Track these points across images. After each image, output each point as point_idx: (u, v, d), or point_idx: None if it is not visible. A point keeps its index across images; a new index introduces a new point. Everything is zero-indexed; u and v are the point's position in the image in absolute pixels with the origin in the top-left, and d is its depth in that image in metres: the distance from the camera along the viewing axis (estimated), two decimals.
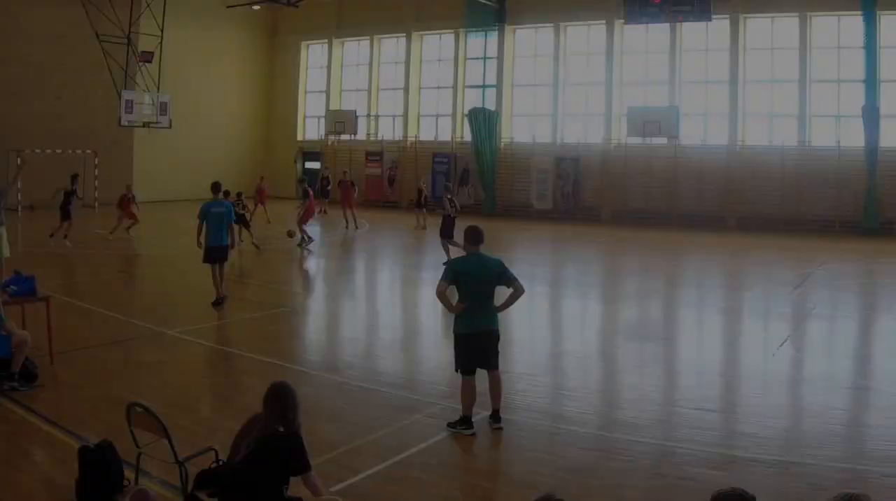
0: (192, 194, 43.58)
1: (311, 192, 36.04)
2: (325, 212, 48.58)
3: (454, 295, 12.41)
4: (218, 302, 21.64)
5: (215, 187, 22.30)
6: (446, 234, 29.98)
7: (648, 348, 18.64)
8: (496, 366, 12.47)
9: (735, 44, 47.29)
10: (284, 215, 42.11)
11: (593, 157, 50.71)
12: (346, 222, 41.95)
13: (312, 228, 35.78)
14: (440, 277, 12.23)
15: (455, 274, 12.26)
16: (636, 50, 50.61)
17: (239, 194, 33.56)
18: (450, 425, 12.25)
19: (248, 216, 34.50)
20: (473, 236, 12.60)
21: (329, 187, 53.11)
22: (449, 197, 31.37)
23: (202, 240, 21.61)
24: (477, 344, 12.29)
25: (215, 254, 21.76)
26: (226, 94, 61.44)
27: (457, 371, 12.40)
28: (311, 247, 33.66)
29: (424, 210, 43.53)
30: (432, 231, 36.28)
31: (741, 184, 46.20)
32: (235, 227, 23.39)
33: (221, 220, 21.67)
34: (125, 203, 36.99)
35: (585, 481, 10.43)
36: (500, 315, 12.65)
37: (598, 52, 51.43)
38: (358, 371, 15.75)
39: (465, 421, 12.14)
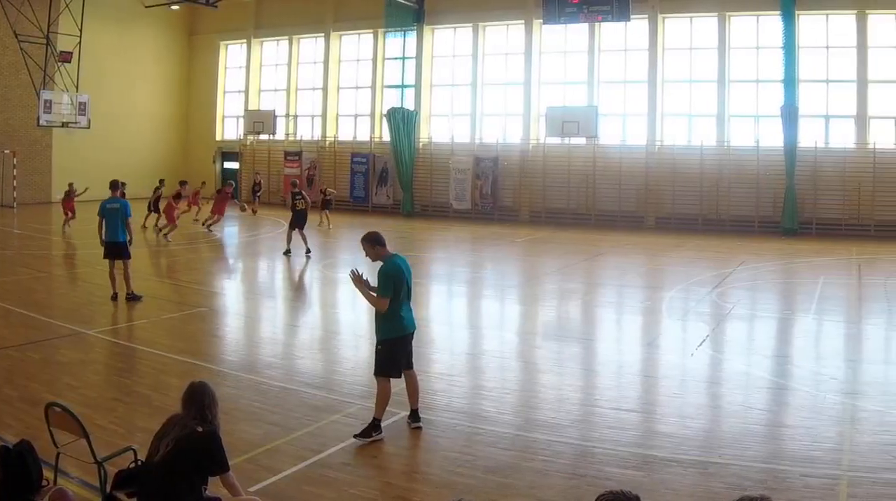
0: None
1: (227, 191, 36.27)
2: (254, 212, 46.29)
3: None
4: (131, 298, 21.44)
5: (112, 185, 21.96)
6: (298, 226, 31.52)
7: (567, 348, 18.21)
8: (412, 365, 12.29)
9: (654, 44, 45.40)
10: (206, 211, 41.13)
11: (512, 157, 48.58)
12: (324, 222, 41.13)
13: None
14: (380, 292, 11.56)
15: (394, 283, 11.64)
16: (555, 50, 48.46)
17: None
18: (361, 435, 11.45)
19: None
20: (382, 238, 12.04)
21: (260, 192, 51.46)
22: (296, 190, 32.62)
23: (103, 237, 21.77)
24: (409, 346, 12.10)
25: (111, 250, 21.60)
26: (145, 94, 58.74)
27: (384, 375, 11.78)
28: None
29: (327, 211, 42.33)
30: (339, 231, 36.19)
31: (660, 184, 44.55)
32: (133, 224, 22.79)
33: (117, 217, 21.42)
34: (67, 200, 37.40)
35: (504, 481, 10.18)
36: (418, 316, 12.74)
37: (517, 52, 49.21)
38: (277, 371, 15.27)
39: (378, 427, 11.57)
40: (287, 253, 30.86)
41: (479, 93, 50.44)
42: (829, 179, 41.04)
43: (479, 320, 22.10)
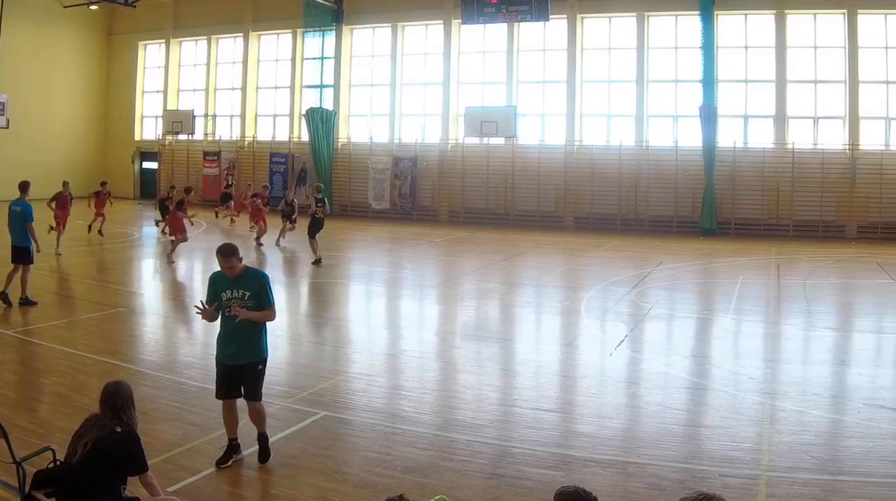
0: (30, 194, 38.82)
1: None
2: (233, 220, 42.33)
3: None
4: (24, 302, 19.72)
5: (21, 186, 20.57)
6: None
7: (486, 348, 17.39)
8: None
9: (572, 44, 43.09)
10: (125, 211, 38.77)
11: (431, 157, 46.01)
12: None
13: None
14: (272, 301, 10.28)
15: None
16: (474, 50, 46.04)
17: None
18: (264, 456, 10.27)
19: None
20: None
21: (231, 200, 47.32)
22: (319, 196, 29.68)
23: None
24: None
25: (14, 254, 20.10)
26: (64, 94, 55.23)
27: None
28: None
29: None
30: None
31: (579, 183, 42.28)
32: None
33: (18, 220, 19.93)
34: (99, 200, 34.74)
35: (423, 481, 9.72)
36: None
37: (436, 52, 46.60)
38: (195, 371, 14.45)
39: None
40: (317, 262, 27.55)
41: (398, 94, 47.87)
42: (747, 179, 39.38)
43: (398, 320, 21.08)
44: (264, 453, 10.21)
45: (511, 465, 10.25)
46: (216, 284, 10.09)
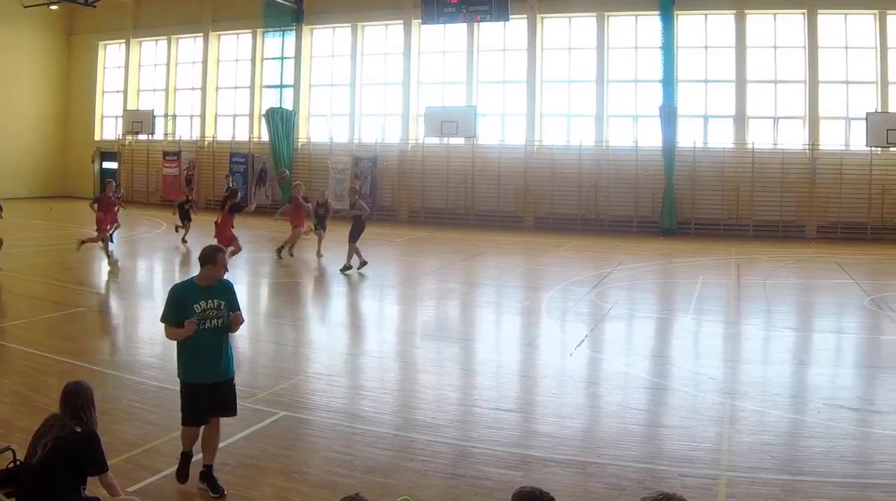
0: None
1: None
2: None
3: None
4: None
5: None
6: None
7: (446, 348, 16.95)
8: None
9: (532, 44, 41.51)
10: (87, 212, 35.37)
11: (391, 157, 44.24)
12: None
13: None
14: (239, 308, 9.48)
15: None
16: (434, 50, 44.29)
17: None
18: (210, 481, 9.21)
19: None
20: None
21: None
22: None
23: None
24: None
25: None
26: (24, 94, 52.88)
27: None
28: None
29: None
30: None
31: (539, 184, 40.74)
32: None
33: None
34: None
35: (383, 481, 9.43)
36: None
37: (396, 52, 44.80)
38: (156, 370, 14.12)
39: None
40: (361, 264, 25.53)
41: (358, 93, 46.04)
42: (707, 179, 38.08)
43: (359, 320, 20.77)
44: (215, 486, 9.10)
45: (471, 465, 10.03)
46: (188, 297, 8.99)
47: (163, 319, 9.07)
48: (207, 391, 9.01)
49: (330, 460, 10.13)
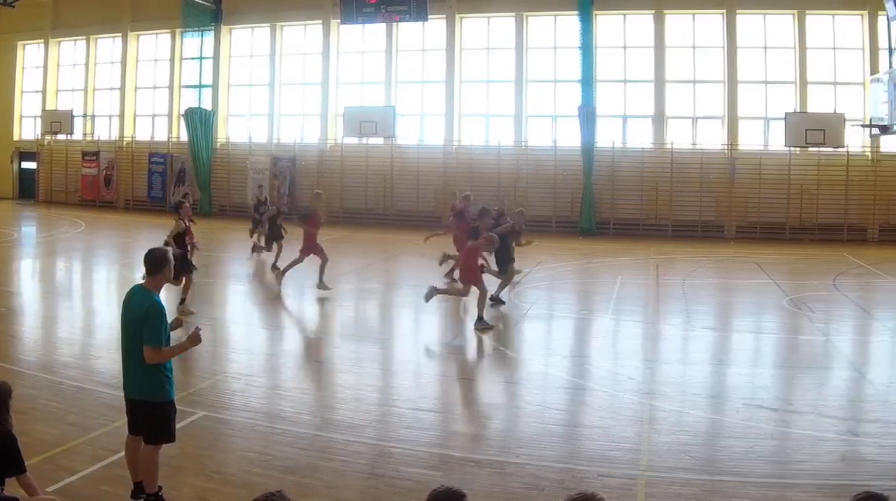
0: None
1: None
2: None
3: None
4: None
5: None
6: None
7: (365, 348, 15.95)
8: (147, 442, 7.95)
9: (451, 44, 38.24)
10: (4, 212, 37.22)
11: (310, 157, 40.67)
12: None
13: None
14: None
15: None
16: (352, 50, 40.74)
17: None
18: None
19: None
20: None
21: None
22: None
23: None
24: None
25: None
26: None
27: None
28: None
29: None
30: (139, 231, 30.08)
31: (457, 183, 36.16)
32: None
33: None
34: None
35: (302, 481, 8.85)
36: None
37: (315, 52, 41.19)
38: (74, 371, 13.05)
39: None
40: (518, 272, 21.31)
41: (277, 94, 42.30)
42: (626, 179, 35.22)
43: (277, 320, 19.32)
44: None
45: (390, 465, 9.53)
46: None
47: (161, 342, 7.69)
48: None
49: (249, 460, 9.56)
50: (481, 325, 16.47)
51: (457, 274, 19.69)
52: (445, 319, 18.45)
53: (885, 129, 28.62)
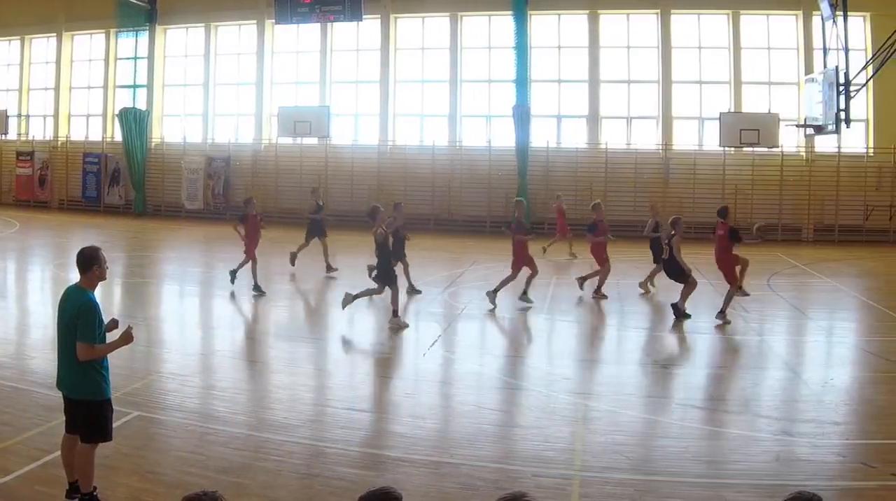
0: None
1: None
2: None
3: None
4: None
5: None
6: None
7: (300, 348, 15.04)
8: (84, 441, 7.56)
9: (386, 44, 35.56)
10: None
11: (244, 157, 37.67)
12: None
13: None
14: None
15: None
16: (287, 50, 37.91)
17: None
18: None
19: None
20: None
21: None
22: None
23: None
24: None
25: None
26: None
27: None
28: None
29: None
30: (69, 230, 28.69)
31: (392, 183, 34.67)
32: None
33: None
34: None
35: (236, 481, 8.38)
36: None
37: (249, 52, 38.16)
38: (8, 370, 12.19)
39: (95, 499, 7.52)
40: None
41: (212, 94, 39.19)
42: (561, 179, 32.65)
43: (212, 320, 18.40)
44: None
45: (325, 465, 8.94)
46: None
47: (95, 338, 7.30)
48: None
49: (183, 460, 8.98)
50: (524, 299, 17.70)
51: (592, 281, 19.28)
52: (380, 319, 17.17)
53: (819, 129, 26.66)
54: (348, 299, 16.25)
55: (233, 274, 19.71)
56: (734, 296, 16.86)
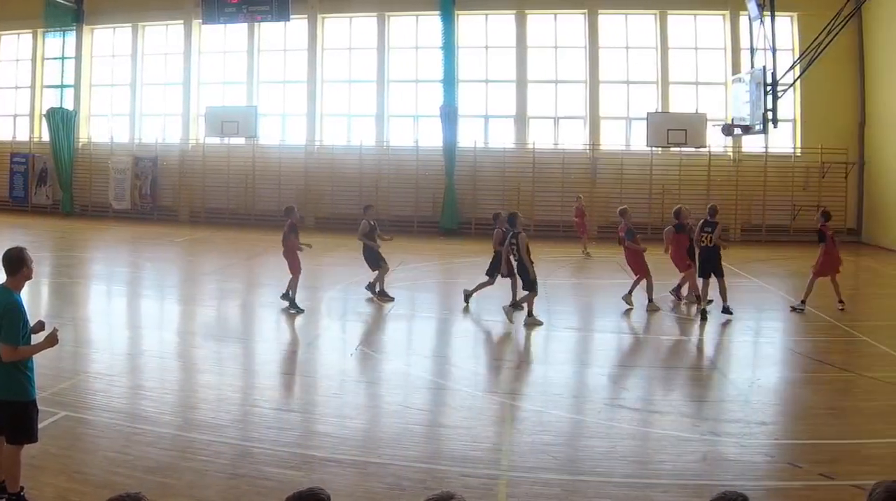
0: None
1: None
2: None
3: None
4: None
5: None
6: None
7: (227, 348, 13.89)
8: (10, 442, 7.06)
9: (313, 44, 32.76)
10: None
11: (171, 157, 34.57)
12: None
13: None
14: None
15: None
16: (214, 50, 34.74)
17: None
18: None
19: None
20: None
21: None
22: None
23: None
24: None
25: None
26: None
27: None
28: None
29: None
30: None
31: (319, 184, 32.12)
32: None
33: None
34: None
35: (163, 481, 7.80)
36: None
37: (176, 52, 35.01)
38: None
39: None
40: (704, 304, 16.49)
41: (139, 94, 35.83)
42: (488, 179, 30.35)
43: (139, 320, 16.99)
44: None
45: (252, 465, 8.30)
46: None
47: (19, 340, 6.78)
48: None
49: (110, 460, 8.27)
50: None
51: (684, 289, 17.60)
52: (306, 319, 16.08)
53: (746, 129, 24.74)
54: (467, 294, 16.39)
55: (291, 300, 16.47)
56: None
